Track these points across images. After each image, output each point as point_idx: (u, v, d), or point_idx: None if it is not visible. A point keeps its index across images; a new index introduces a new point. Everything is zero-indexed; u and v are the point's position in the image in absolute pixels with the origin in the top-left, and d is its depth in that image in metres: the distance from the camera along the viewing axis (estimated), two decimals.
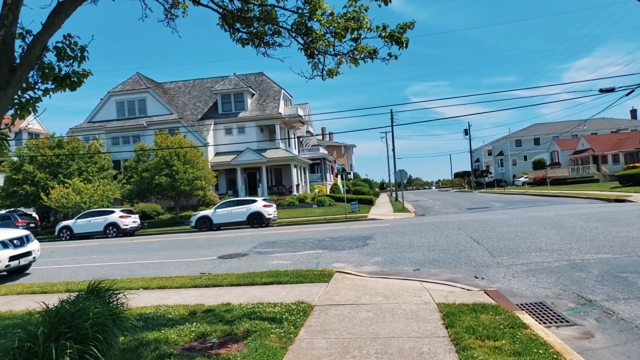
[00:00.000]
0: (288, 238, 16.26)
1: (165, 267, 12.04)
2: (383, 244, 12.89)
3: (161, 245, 17.18)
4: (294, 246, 13.94)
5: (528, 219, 16.38)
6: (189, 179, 28.90)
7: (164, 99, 39.66)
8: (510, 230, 13.68)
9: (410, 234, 14.75)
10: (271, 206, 24.59)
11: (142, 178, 29.18)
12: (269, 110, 39.38)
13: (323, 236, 15.96)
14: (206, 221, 24.36)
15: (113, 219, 25.57)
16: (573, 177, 51.85)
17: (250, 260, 12.08)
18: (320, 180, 51.76)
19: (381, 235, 14.95)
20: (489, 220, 17.13)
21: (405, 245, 12.49)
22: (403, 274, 9.14)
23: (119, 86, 39.90)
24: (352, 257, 11.36)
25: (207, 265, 11.85)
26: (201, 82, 44.11)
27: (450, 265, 9.56)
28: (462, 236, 13.24)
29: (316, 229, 19.16)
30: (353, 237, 15.08)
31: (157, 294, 7.86)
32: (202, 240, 17.83)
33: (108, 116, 39.54)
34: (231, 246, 15.20)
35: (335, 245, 13.38)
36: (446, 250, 11.25)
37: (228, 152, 38.79)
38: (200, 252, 14.28)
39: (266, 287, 7.84)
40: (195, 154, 30.46)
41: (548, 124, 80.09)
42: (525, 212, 20.24)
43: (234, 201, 25.29)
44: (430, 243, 12.47)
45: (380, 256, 11.16)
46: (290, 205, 34.69)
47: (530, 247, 10.63)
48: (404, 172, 30.76)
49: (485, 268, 9.08)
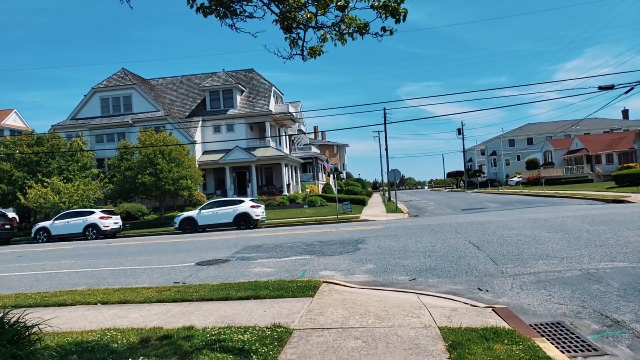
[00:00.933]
0: (275, 242, 15.25)
1: (137, 275, 10.98)
2: (375, 249, 11.93)
3: (138, 249, 16.09)
4: (280, 251, 12.93)
5: (528, 221, 15.50)
6: (173, 178, 27.77)
7: (150, 96, 38.43)
8: (512, 234, 12.77)
9: (404, 237, 13.80)
10: (259, 207, 23.54)
11: (124, 177, 28.00)
12: (259, 107, 38.30)
13: (312, 240, 14.97)
14: (190, 222, 23.26)
15: (93, 220, 24.38)
16: (567, 177, 51.29)
17: (231, 267, 11.05)
18: (312, 179, 50.79)
19: (373, 238, 13.99)
20: (487, 222, 16.23)
21: (399, 250, 11.53)
22: (398, 285, 8.18)
23: (104, 82, 38.61)
24: (342, 264, 10.38)
25: (182, 272, 10.81)
26: (189, 79, 42.91)
27: (449, 274, 8.61)
28: (461, 240, 12.31)
29: (305, 232, 18.17)
30: (344, 240, 14.10)
31: (114, 311, 6.81)
32: (183, 244, 16.76)
33: (92, 113, 38.23)
34: (213, 251, 14.16)
35: (324, 250, 12.40)
36: (444, 256, 10.30)
37: (217, 151, 37.66)
38: (178, 258, 13.23)
39: (241, 303, 6.83)
40: (181, 152, 29.33)
41: (541, 124, 79.71)
42: (523, 213, 19.39)
43: (220, 201, 24.21)
44: (426, 248, 11.52)
45: (372, 263, 10.19)
46: (280, 205, 33.67)
47: (536, 254, 9.70)
48: (397, 171, 29.85)
49: (489, 278, 8.13)
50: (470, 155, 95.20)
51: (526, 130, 79.62)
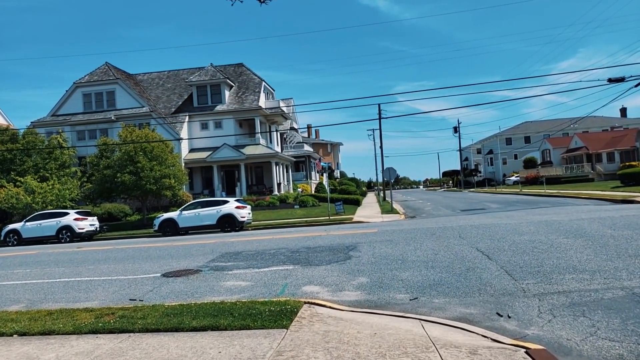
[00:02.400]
0: (257, 247, 13.66)
1: (92, 289, 9.38)
2: (369, 258, 10.37)
3: (105, 256, 14.44)
4: (260, 259, 11.35)
5: (539, 224, 13.99)
6: (155, 177, 26.09)
7: (134, 91, 36.69)
8: (524, 239, 11.25)
9: (402, 243, 12.26)
10: (245, 207, 21.92)
11: (103, 176, 26.29)
12: (248, 103, 36.65)
13: (298, 245, 13.40)
14: (171, 224, 21.63)
15: (67, 222, 22.68)
16: (567, 176, 49.97)
17: (201, 280, 9.47)
18: (305, 179, 49.28)
19: (367, 244, 12.44)
20: (492, 225, 14.72)
21: (396, 259, 9.98)
22: (396, 307, 6.64)
23: (86, 77, 36.83)
24: (330, 276, 8.83)
25: (144, 286, 9.23)
26: (176, 74, 41.19)
27: (458, 292, 7.08)
28: (466, 247, 10.78)
29: (292, 236, 16.59)
30: (334, 247, 12.53)
31: (26, 349, 5.22)
32: (155, 250, 15.13)
33: (74, 109, 36.44)
34: (186, 258, 12.56)
35: (310, 259, 10.83)
36: (450, 267, 8.76)
37: (204, 149, 36.01)
38: (145, 267, 11.62)
39: (193, 338, 5.25)
40: (164, 150, 27.66)
41: (538, 122, 78.51)
42: (530, 215, 17.90)
43: (203, 202, 22.59)
44: (427, 256, 9.98)
45: (365, 275, 8.65)
46: (270, 205, 32.08)
47: (560, 265, 8.18)
48: (392, 170, 28.30)
49: (509, 298, 6.61)
50: (465, 155, 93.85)
51: (523, 128, 78.40)
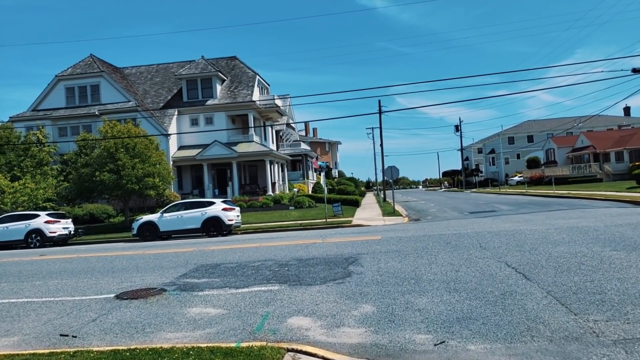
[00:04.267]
0: (239, 258, 11.63)
1: (22, 316, 7.37)
2: (374, 275, 8.37)
3: (62, 267, 12.38)
4: (241, 275, 9.33)
5: (571, 231, 12.00)
6: (138, 175, 24.02)
7: (120, 85, 34.60)
8: (562, 251, 9.25)
9: (412, 254, 10.25)
10: (233, 209, 19.87)
11: (81, 175, 24.21)
12: (241, 97, 34.59)
13: (289, 256, 11.38)
14: (151, 228, 19.58)
15: (37, 225, 20.59)
16: (574, 176, 48.00)
17: (161, 304, 7.45)
18: (302, 178, 47.30)
19: (370, 256, 10.42)
20: (515, 232, 12.73)
21: (408, 277, 7.98)
22: (417, 356, 4.64)
23: (69, 69, 34.73)
24: (325, 302, 6.82)
25: (89, 312, 7.22)
26: (166, 67, 39.10)
27: (501, 333, 5.07)
28: (493, 261, 8.77)
29: (283, 243, 14.56)
30: (330, 259, 10.52)
31: None
32: (123, 260, 13.07)
33: (56, 104, 34.34)
34: (154, 272, 10.53)
35: (302, 276, 8.81)
36: (479, 291, 6.75)
37: (195, 146, 33.95)
38: (101, 284, 9.59)
39: None
40: (149, 146, 25.59)
41: (541, 121, 76.63)
42: (551, 218, 15.93)
43: (187, 203, 20.53)
44: (447, 274, 7.97)
45: (370, 302, 6.64)
46: (263, 207, 30.06)
47: (629, 291, 6.18)
48: (394, 168, 26.26)
49: (578, 346, 4.61)
50: (466, 154, 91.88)
51: (526, 127, 76.50)
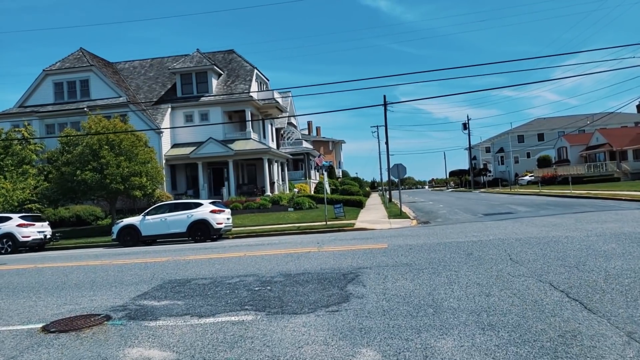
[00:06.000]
0: (216, 272, 9.70)
1: None
2: (379, 300, 6.39)
3: (6, 282, 10.48)
4: (211, 296, 7.40)
5: (619, 239, 9.97)
6: (123, 174, 22.17)
7: (111, 80, 32.81)
8: (621, 267, 7.24)
9: (426, 269, 8.27)
10: (222, 212, 17.95)
11: (62, 174, 22.39)
12: (238, 92, 32.70)
13: (275, 269, 9.44)
14: (132, 232, 17.72)
15: (8, 229, 18.80)
16: (590, 175, 45.77)
17: (93, 342, 5.51)
18: (304, 178, 45.38)
19: (375, 271, 8.45)
20: (549, 239, 10.72)
21: (423, 304, 6.00)
22: None
23: (57, 63, 32.99)
24: (312, 344, 4.85)
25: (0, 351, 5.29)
26: (160, 62, 37.30)
27: None
28: (532, 281, 6.78)
29: (272, 252, 12.61)
30: (325, 274, 8.55)
31: None
32: (82, 272, 11.17)
33: (43, 100, 32.62)
34: (109, 289, 8.62)
35: (286, 299, 6.86)
36: (524, 328, 4.74)
37: (189, 144, 32.13)
38: (39, 305, 7.69)
39: None
40: (136, 143, 23.74)
41: (552, 119, 74.24)
42: (582, 222, 13.88)
43: (172, 205, 18.65)
44: (475, 300, 5.98)
45: (374, 345, 4.67)
46: (260, 208, 28.14)
47: None
48: (401, 166, 24.24)
49: None
50: (474, 153, 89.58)
51: (536, 125, 74.19)
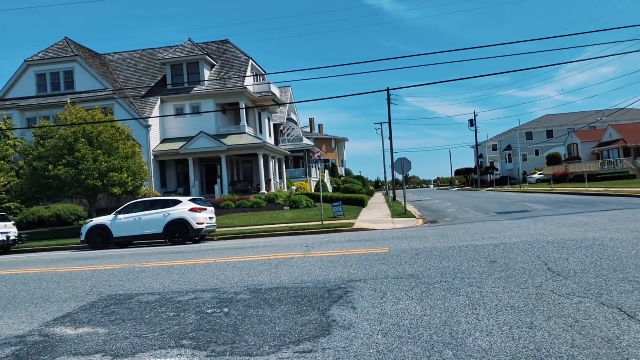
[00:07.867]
0: (169, 285, 7.71)
1: None
2: (372, 333, 4.36)
3: None
4: (147, 322, 5.42)
5: None
6: (101, 170, 20.28)
7: (98, 71, 30.96)
8: None
9: (438, 283, 6.24)
10: (204, 210, 15.99)
11: (34, 169, 20.53)
12: (232, 83, 30.77)
13: (243, 282, 7.44)
14: (102, 233, 15.83)
15: None
16: (604, 172, 43.60)
17: None
18: (304, 176, 43.45)
19: (370, 285, 6.45)
20: (589, 242, 8.69)
21: (438, 339, 3.97)
22: None
23: (40, 54, 31.17)
24: None
25: None
26: (150, 53, 35.41)
27: None
28: (592, 303, 4.75)
29: (248, 257, 10.62)
30: (304, 290, 6.54)
31: None
32: (11, 281, 9.21)
33: (25, 92, 30.81)
34: (25, 309, 6.66)
35: (242, 329, 4.86)
36: None
37: (180, 138, 30.26)
38: None
39: None
40: (116, 136, 21.86)
41: (561, 115, 72.01)
42: (616, 220, 11.85)
43: (148, 202, 16.74)
44: (515, 336, 3.95)
45: None
46: (254, 206, 26.19)
47: None
48: (405, 160, 22.22)
49: None
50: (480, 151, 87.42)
51: (544, 121, 71.97)
